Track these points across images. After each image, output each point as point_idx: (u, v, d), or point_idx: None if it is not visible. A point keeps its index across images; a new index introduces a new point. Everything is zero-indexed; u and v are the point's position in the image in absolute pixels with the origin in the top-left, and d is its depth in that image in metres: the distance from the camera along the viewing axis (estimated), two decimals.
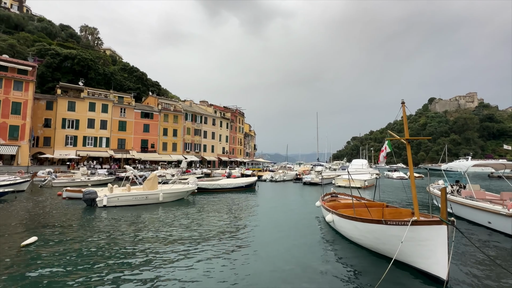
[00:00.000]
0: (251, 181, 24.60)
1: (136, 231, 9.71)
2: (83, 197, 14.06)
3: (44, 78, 52.72)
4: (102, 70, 63.74)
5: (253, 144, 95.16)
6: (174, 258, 6.98)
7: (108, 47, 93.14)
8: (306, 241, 8.64)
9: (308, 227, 10.57)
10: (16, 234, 9.14)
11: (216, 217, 12.25)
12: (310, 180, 31.16)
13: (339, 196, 13.92)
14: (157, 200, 15.80)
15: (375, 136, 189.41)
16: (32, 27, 70.89)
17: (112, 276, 5.90)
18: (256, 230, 10.04)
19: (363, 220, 7.28)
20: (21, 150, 36.64)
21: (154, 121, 53.50)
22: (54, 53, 56.06)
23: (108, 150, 46.72)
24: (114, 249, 7.70)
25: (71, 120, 44.06)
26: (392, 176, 45.28)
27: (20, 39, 59.41)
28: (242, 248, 7.85)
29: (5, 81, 36.45)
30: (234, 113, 75.81)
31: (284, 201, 18.85)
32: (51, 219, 11.61)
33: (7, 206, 14.40)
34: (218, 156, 66.25)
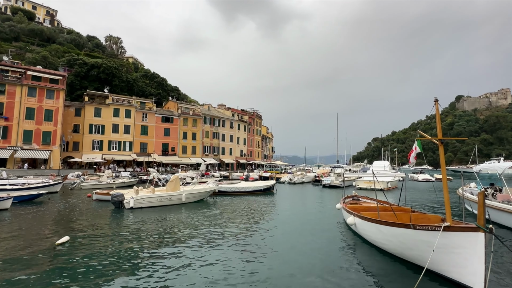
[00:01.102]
0: (269, 184, 24.54)
1: (161, 232, 10.02)
2: (111, 199, 14.72)
3: (73, 87, 55.97)
4: (125, 77, 66.62)
5: (270, 147, 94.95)
6: (196, 259, 7.09)
7: (130, 55, 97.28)
8: (326, 244, 8.45)
9: (328, 230, 10.35)
10: (51, 233, 9.74)
11: (236, 219, 12.33)
12: (330, 183, 30.53)
13: (361, 199, 13.50)
14: (180, 201, 16.23)
15: (398, 137, 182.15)
16: (62, 39, 75.70)
17: (138, 275, 6.10)
18: (275, 233, 9.97)
19: (388, 224, 6.94)
20: (53, 154, 39.08)
21: (174, 125, 55.00)
22: (82, 62, 59.43)
23: (131, 154, 48.62)
24: (141, 249, 7.98)
25: (97, 126, 46.39)
26: (417, 178, 43.29)
27: (52, 51, 63.63)
28: (261, 251, 7.81)
29: (39, 90, 39.17)
30: (252, 115, 76.17)
31: (303, 203, 18.60)
32: (82, 220, 12.26)
33: (41, 207, 15.41)
34: (236, 158, 66.77)
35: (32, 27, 71.82)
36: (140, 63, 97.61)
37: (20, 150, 36.87)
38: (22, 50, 61.70)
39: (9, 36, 65.82)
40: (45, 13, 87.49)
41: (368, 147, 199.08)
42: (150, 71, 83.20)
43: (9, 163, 35.72)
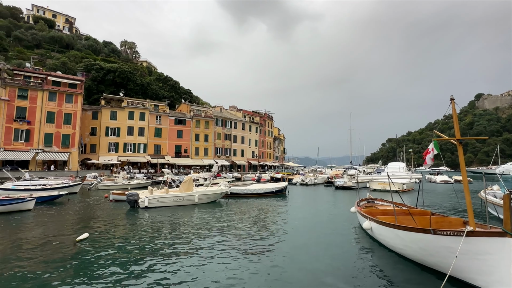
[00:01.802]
0: (281, 186, 24.41)
1: (175, 231, 10.16)
2: (126, 199, 15.11)
3: (90, 91, 57.93)
4: (139, 81, 68.31)
5: (282, 148, 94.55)
6: (208, 259, 7.13)
7: (144, 59, 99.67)
8: (340, 249, 8.27)
9: (342, 234, 10.14)
10: (71, 231, 10.13)
11: (248, 221, 12.32)
12: (343, 184, 30.03)
13: (376, 202, 13.16)
14: (193, 201, 16.44)
15: (414, 137, 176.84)
16: (80, 45, 78.61)
17: (151, 272, 6.22)
18: (288, 236, 9.86)
19: (406, 229, 6.69)
20: (71, 156, 40.54)
21: (187, 127, 55.80)
22: (98, 67, 61.45)
23: (146, 156, 49.70)
24: (154, 247, 8.14)
25: (113, 128, 47.75)
26: (435, 180, 41.86)
27: (71, 57, 66.18)
28: (274, 254, 7.73)
29: (59, 95, 40.78)
30: (263, 117, 76.17)
31: (316, 206, 18.36)
32: (100, 218, 12.66)
33: (62, 207, 16.00)
34: (248, 160, 66.91)
35: (53, 35, 75.01)
36: (154, 67, 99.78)
37: (42, 152, 38.47)
38: (43, 56, 64.49)
39: (31, 44, 69.01)
40: (64, 21, 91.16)
41: (383, 148, 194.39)
42: (163, 74, 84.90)
43: (31, 164, 37.32)
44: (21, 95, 38.35)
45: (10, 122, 37.28)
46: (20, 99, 38.20)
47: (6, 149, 36.56)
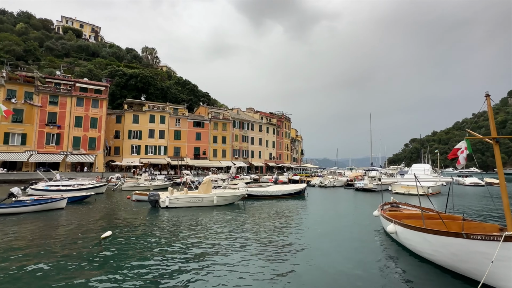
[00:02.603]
0: (300, 188, 24.12)
1: (194, 231, 10.34)
2: (148, 198, 15.61)
3: (114, 96, 60.62)
4: (159, 85, 70.54)
5: (300, 149, 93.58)
6: (225, 260, 7.15)
7: (164, 64, 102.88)
8: (363, 253, 7.99)
9: (365, 238, 9.81)
10: (97, 228, 10.64)
11: (266, 224, 12.27)
12: (363, 186, 29.16)
13: (400, 206, 12.61)
14: (212, 203, 16.65)
15: (439, 137, 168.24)
16: (105, 53, 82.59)
17: (169, 270, 6.35)
18: (307, 239, 9.70)
19: (436, 232, 6.31)
20: (97, 158, 42.57)
21: (205, 130, 56.78)
22: (121, 73, 64.23)
23: (166, 158, 51.12)
24: (174, 245, 8.34)
25: (135, 131, 49.62)
26: (463, 182, 39.54)
27: (96, 64, 69.70)
28: (292, 258, 7.59)
29: (86, 100, 43.07)
30: (280, 118, 75.87)
31: (336, 208, 17.95)
32: (123, 217, 13.20)
33: (90, 206, 16.84)
34: (265, 161, 66.85)
35: (80, 44, 79.45)
36: (173, 71, 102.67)
37: (71, 154, 40.73)
38: (71, 64, 68.46)
39: (61, 53, 73.49)
40: (90, 30, 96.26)
41: (405, 149, 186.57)
42: (182, 78, 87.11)
43: (61, 166, 39.59)
44: (52, 101, 40.89)
45: (42, 126, 39.84)
46: (51, 105, 40.74)
47: (39, 151, 39.09)
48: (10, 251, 7.86)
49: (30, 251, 7.84)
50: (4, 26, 70.19)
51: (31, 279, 5.90)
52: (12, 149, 37.67)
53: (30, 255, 7.47)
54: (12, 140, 38.04)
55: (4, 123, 37.26)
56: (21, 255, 7.50)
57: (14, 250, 7.97)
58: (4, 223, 11.67)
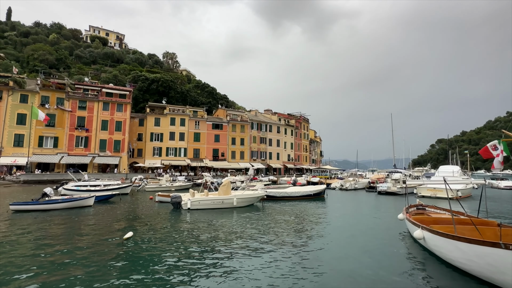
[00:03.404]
0: (319, 189, 23.67)
1: (215, 233, 10.44)
2: (170, 200, 16.01)
3: (137, 100, 63.10)
4: (180, 89, 72.49)
5: (319, 151, 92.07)
6: (245, 263, 7.14)
7: (184, 68, 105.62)
8: (389, 260, 7.65)
9: (389, 242, 9.40)
10: (120, 228, 11.04)
11: (285, 226, 12.14)
12: (386, 189, 28.06)
13: (427, 209, 11.98)
14: (231, 204, 16.79)
15: (469, 137, 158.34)
16: (129, 59, 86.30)
17: (190, 272, 6.43)
18: (328, 242, 9.45)
19: (469, 241, 5.87)
20: (122, 160, 44.46)
21: (224, 132, 57.50)
22: (144, 78, 66.76)
23: (186, 159, 52.33)
24: (195, 247, 8.43)
25: (157, 134, 51.30)
26: (498, 185, 36.91)
27: (121, 70, 72.99)
28: (314, 261, 7.42)
29: (111, 105, 45.22)
30: (299, 119, 75.14)
31: (358, 211, 17.40)
32: (146, 218, 13.63)
33: (114, 206, 17.58)
34: (283, 163, 66.42)
35: (106, 51, 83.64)
36: (193, 75, 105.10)
37: (97, 156, 42.87)
38: (98, 71, 72.20)
39: (88, 60, 77.79)
40: (115, 38, 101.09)
41: (431, 150, 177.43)
42: (201, 81, 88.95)
43: (89, 167, 41.74)
44: (81, 106, 43.35)
45: (72, 130, 42.31)
46: (80, 109, 43.19)
47: (69, 154, 41.51)
48: (39, 245, 8.38)
49: (58, 247, 8.30)
50: (39, 37, 75.55)
51: (53, 272, 6.24)
52: (45, 151, 40.31)
53: (57, 249, 7.92)
54: (46, 143, 40.72)
55: (38, 127, 39.98)
56: (50, 248, 7.97)
57: (43, 244, 8.49)
58: (37, 218, 12.48)
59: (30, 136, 39.21)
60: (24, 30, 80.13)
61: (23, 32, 78.27)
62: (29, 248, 8.22)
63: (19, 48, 70.54)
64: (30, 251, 7.87)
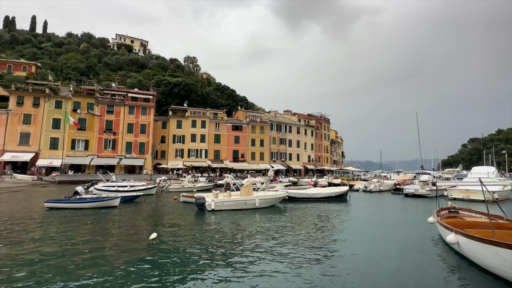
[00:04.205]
0: (342, 191, 23.05)
1: (240, 234, 10.50)
2: (195, 201, 16.34)
3: (160, 103, 65.32)
4: (200, 91, 74.11)
5: (340, 152, 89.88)
6: (273, 263, 7.08)
7: (204, 71, 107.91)
8: (418, 264, 7.24)
9: (419, 247, 8.90)
10: (147, 229, 11.35)
11: (308, 228, 11.93)
12: (414, 192, 26.72)
13: (461, 212, 11.23)
14: (254, 205, 16.85)
15: (506, 136, 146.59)
16: (152, 64, 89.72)
17: (214, 273, 6.48)
18: (354, 246, 9.14)
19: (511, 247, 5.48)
20: (146, 162, 46.22)
21: (243, 133, 57.90)
22: (166, 82, 69.03)
23: (207, 161, 53.30)
24: (219, 248, 8.51)
25: (179, 136, 52.76)
26: None
27: (145, 75, 76.04)
28: (339, 265, 7.22)
29: (136, 109, 47.23)
30: (319, 120, 73.87)
31: (383, 214, 16.72)
32: (172, 219, 13.98)
33: (139, 206, 18.28)
34: (303, 164, 65.56)
35: (131, 58, 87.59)
36: (213, 78, 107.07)
37: (124, 158, 44.91)
38: (124, 77, 75.75)
39: (115, 67, 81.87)
40: (139, 45, 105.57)
41: (463, 150, 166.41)
42: (221, 84, 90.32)
43: (116, 169, 43.81)
44: (109, 110, 45.69)
45: (101, 133, 44.69)
46: (108, 113, 45.55)
47: (98, 156, 43.86)
48: (68, 242, 8.88)
49: (86, 246, 8.75)
50: (71, 47, 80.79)
51: (81, 269, 6.56)
52: (77, 153, 42.91)
53: (85, 247, 8.35)
54: (78, 145, 43.36)
55: (71, 131, 42.67)
56: (78, 246, 8.43)
57: (73, 241, 8.99)
58: (68, 216, 13.25)
59: (64, 139, 41.96)
60: (58, 40, 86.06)
61: (57, 43, 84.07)
62: (59, 244, 8.70)
63: (54, 57, 75.86)
64: (60, 248, 8.33)
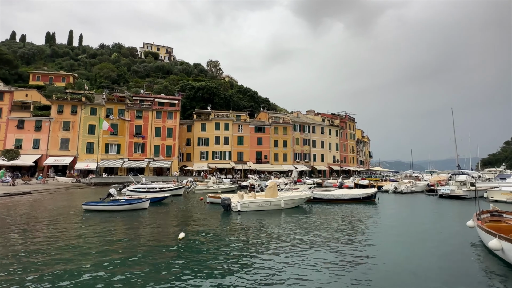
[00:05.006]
0: (370, 192, 22.17)
1: (265, 235, 10.51)
2: (221, 202, 16.64)
3: (184, 107, 67.44)
4: (223, 94, 75.43)
5: (367, 152, 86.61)
6: (301, 266, 6.99)
7: (226, 74, 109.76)
8: (458, 274, 6.74)
9: (457, 254, 8.28)
10: (177, 230, 11.71)
11: (336, 230, 11.62)
12: (449, 193, 25.00)
13: (505, 215, 10.29)
14: (279, 206, 16.81)
15: None
16: (177, 70, 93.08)
17: (240, 272, 6.53)
18: (384, 251, 8.73)
19: None
20: (173, 164, 47.92)
21: (266, 134, 57.93)
22: (190, 87, 71.19)
23: (230, 162, 54.03)
24: (245, 249, 8.58)
25: (204, 139, 54.09)
26: None
27: (170, 80, 79.07)
28: (368, 272, 6.95)
29: (163, 113, 49.23)
30: (344, 119, 71.81)
31: (416, 216, 15.81)
32: (200, 219, 14.36)
33: (168, 207, 18.98)
34: (328, 165, 64.04)
35: (157, 64, 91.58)
36: (235, 81, 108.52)
37: (152, 161, 46.96)
38: (151, 83, 79.34)
39: (143, 74, 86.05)
40: (165, 52, 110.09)
41: (506, 148, 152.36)
42: (243, 86, 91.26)
43: (146, 171, 45.93)
44: (138, 116, 48.09)
45: (131, 137, 47.15)
46: (137, 119, 47.95)
47: (129, 159, 46.29)
48: (104, 243, 9.44)
49: (121, 245, 9.24)
50: (103, 57, 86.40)
51: (117, 267, 6.92)
52: (110, 157, 45.64)
53: (118, 245, 8.82)
54: (111, 149, 46.13)
55: (105, 136, 45.51)
56: (114, 246, 8.93)
57: (108, 241, 9.54)
58: (103, 218, 14.08)
59: (98, 144, 44.89)
60: (92, 52, 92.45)
61: (91, 54, 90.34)
62: (96, 245, 9.26)
63: (89, 68, 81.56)
64: (97, 248, 8.88)
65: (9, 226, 11.64)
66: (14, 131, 42.45)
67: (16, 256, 7.62)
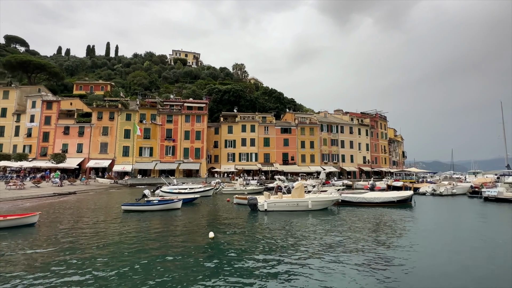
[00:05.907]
0: (405, 195, 20.89)
1: (294, 236, 10.43)
2: (248, 202, 16.85)
3: (212, 111, 69.20)
4: (248, 97, 76.19)
5: (400, 151, 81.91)
6: (318, 268, 6.81)
7: (252, 76, 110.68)
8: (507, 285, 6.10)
9: (508, 269, 7.49)
10: (207, 229, 12.02)
11: (367, 235, 11.12)
12: (497, 195, 22.74)
13: None
14: (306, 207, 16.57)
15: None
16: (204, 74, 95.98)
17: (266, 271, 6.51)
18: (422, 259, 8.16)
19: None
20: (201, 166, 49.37)
21: (292, 135, 57.35)
22: (217, 90, 72.95)
23: (257, 164, 54.27)
24: (272, 249, 8.58)
25: (230, 141, 55.03)
26: None
27: (198, 85, 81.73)
28: (402, 282, 6.58)
29: (191, 117, 51.01)
30: (374, 118, 68.67)
31: (458, 222, 14.60)
32: (229, 219, 14.67)
33: (197, 207, 19.62)
34: (358, 166, 61.60)
35: (185, 70, 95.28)
36: (260, 83, 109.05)
37: (182, 163, 48.81)
38: (180, 88, 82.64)
39: (172, 80, 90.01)
40: (192, 58, 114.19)
41: None
42: (268, 88, 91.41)
43: (176, 173, 47.84)
44: (168, 120, 50.34)
45: (162, 141, 49.47)
46: (168, 123, 50.22)
47: (161, 161, 48.57)
48: (141, 242, 9.96)
49: (157, 244, 9.70)
50: (137, 66, 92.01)
51: (154, 264, 7.25)
52: (144, 160, 48.27)
53: (154, 244, 9.26)
54: (144, 152, 48.79)
55: (138, 140, 48.28)
56: (151, 244, 9.39)
57: (145, 240, 10.06)
58: (140, 218, 14.90)
59: (133, 147, 47.75)
60: (126, 61, 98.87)
61: (126, 64, 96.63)
62: (134, 244, 9.79)
63: (124, 76, 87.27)
64: (136, 245, 9.44)
65: (62, 223, 12.83)
66: (61, 136, 46.78)
67: (67, 249, 8.38)
